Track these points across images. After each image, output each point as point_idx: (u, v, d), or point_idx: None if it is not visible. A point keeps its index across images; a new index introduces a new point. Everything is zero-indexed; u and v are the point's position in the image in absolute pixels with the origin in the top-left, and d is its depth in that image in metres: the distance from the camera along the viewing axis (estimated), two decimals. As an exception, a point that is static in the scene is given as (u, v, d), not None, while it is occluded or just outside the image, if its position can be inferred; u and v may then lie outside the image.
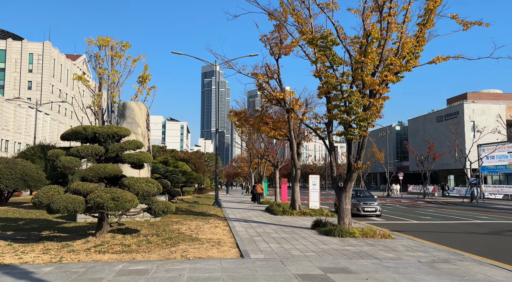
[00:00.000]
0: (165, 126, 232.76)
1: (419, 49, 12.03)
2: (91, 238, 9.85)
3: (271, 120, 19.38)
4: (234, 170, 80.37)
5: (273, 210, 19.47)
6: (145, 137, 15.35)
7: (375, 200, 19.76)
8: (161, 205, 9.78)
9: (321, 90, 12.86)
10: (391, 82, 11.91)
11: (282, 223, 14.83)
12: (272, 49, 17.30)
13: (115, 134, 9.84)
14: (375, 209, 19.06)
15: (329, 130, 13.06)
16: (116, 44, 27.25)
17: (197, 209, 19.83)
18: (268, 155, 29.63)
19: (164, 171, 20.96)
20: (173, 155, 38.06)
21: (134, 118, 14.87)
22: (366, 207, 18.98)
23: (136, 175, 14.08)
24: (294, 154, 19.26)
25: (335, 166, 13.19)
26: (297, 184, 19.88)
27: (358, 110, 11.61)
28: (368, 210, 18.93)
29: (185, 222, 13.92)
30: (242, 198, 35.61)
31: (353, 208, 18.11)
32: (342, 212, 12.45)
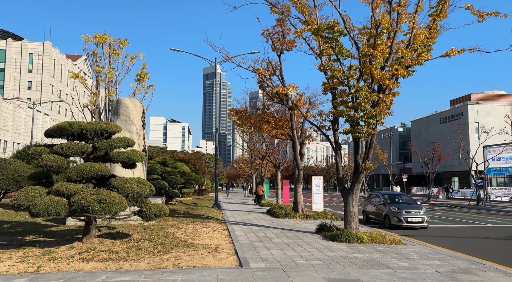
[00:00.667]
0: (167, 127, 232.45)
1: (431, 42, 11.23)
2: (77, 244, 9.06)
3: (273, 119, 18.58)
4: (235, 171, 79.56)
5: (274, 212, 18.66)
6: (140, 136, 14.57)
7: (419, 207, 15.74)
8: (153, 208, 8.99)
9: (326, 86, 12.07)
10: (402, 76, 11.10)
11: (285, 227, 14.01)
12: (274, 44, 16.52)
13: (103, 131, 9.06)
14: (421, 218, 15.03)
15: (334, 128, 12.26)
16: (114, 41, 26.52)
17: (196, 211, 19.04)
18: (269, 156, 28.84)
19: (162, 171, 20.18)
20: (173, 155, 37.29)
21: (128, 116, 14.10)
22: (410, 217, 14.98)
23: (129, 175, 13.30)
24: (296, 154, 18.46)
25: (341, 166, 12.38)
26: (300, 186, 19.06)
27: (366, 107, 10.82)
28: (413, 220, 14.94)
29: (181, 225, 13.12)
30: (243, 200, 34.80)
31: (393, 218, 15.18)
32: (349, 215, 11.63)
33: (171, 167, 24.53)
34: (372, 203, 17.62)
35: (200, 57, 23.52)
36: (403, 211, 15.21)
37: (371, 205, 17.66)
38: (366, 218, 17.96)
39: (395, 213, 15.24)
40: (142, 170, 14.49)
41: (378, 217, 16.67)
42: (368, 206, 18.00)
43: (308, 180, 77.98)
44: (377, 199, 17.24)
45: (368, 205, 18.04)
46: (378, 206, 16.73)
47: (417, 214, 15.14)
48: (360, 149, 11.76)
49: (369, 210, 17.78)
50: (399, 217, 15.08)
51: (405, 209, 15.30)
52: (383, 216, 15.97)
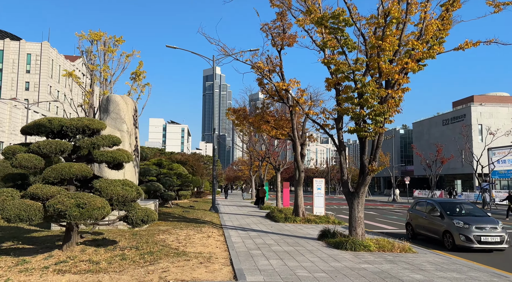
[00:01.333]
0: (166, 129, 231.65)
1: (444, 33, 10.42)
2: (56, 252, 8.20)
3: (273, 119, 17.74)
4: (234, 173, 78.68)
5: (274, 216, 17.79)
6: (131, 135, 13.74)
7: (494, 220, 11.74)
8: (139, 213, 8.14)
9: (329, 82, 11.24)
10: (412, 71, 10.29)
11: (285, 232, 13.15)
12: (274, 39, 15.71)
13: (85, 127, 8.22)
14: (499, 237, 10.93)
15: (338, 127, 11.43)
16: (109, 39, 25.72)
17: (191, 215, 18.17)
18: (269, 157, 27.99)
19: (157, 173, 19.32)
20: (170, 156, 36.42)
21: (118, 114, 13.26)
22: (485, 235, 10.90)
23: (119, 177, 12.46)
24: (297, 155, 17.61)
25: (346, 167, 11.54)
26: (301, 188, 18.20)
27: (373, 103, 9.99)
28: (488, 240, 10.85)
29: (174, 230, 12.26)
30: (241, 202, 33.92)
31: (458, 236, 11.11)
32: (354, 220, 10.78)
33: (167, 168, 23.68)
34: (421, 214, 13.41)
35: (198, 55, 22.74)
36: (472, 226, 11.07)
37: (419, 216, 13.43)
38: (412, 233, 13.73)
39: (461, 229, 11.15)
40: (133, 171, 13.65)
41: (432, 233, 12.49)
42: (415, 217, 13.71)
43: (308, 182, 77.17)
44: (429, 209, 13.02)
45: (415, 216, 13.75)
46: (432, 218, 12.57)
47: (493, 230, 11.04)
48: (367, 149, 10.92)
49: (417, 223, 13.51)
50: (467, 235, 10.95)
51: (475, 224, 11.17)
52: (442, 232, 11.85)
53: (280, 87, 10.75)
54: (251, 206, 28.34)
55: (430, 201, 13.46)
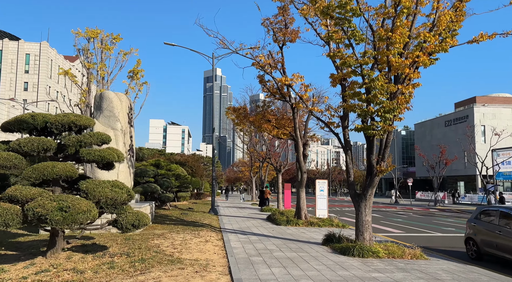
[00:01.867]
0: (166, 130, 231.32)
1: (457, 25, 9.76)
2: (39, 260, 7.54)
3: (274, 117, 17.10)
4: (234, 175, 78.00)
5: (275, 219, 17.12)
6: (125, 134, 13.08)
7: None
8: (130, 217, 7.48)
9: (334, 77, 10.59)
10: (423, 65, 9.63)
11: (287, 236, 12.48)
12: (276, 35, 15.06)
13: (72, 124, 7.57)
14: None
15: (344, 125, 10.77)
16: (106, 36, 25.11)
17: (189, 218, 17.50)
18: (270, 158, 27.34)
19: (154, 174, 18.66)
20: (169, 157, 35.78)
21: (112, 111, 12.61)
22: None
23: (112, 178, 11.81)
24: (299, 155, 16.94)
25: (352, 168, 10.88)
26: (303, 190, 17.53)
27: (382, 99, 9.34)
28: None
29: (170, 234, 11.58)
30: (242, 204, 33.24)
31: None
32: (361, 224, 10.11)
33: (165, 169, 23.02)
34: (491, 227, 9.81)
35: (197, 52, 22.11)
36: None
37: (488, 230, 9.86)
38: (477, 252, 10.14)
39: None
40: (127, 171, 12.99)
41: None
42: (481, 231, 10.14)
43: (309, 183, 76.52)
44: (505, 221, 9.38)
45: (481, 230, 10.17)
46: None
47: None
48: (375, 149, 10.25)
49: (485, 239, 9.89)
50: None
51: None
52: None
53: (283, 83, 10.10)
54: (251, 208, 27.67)
55: (507, 210, 9.59)
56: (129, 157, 13.31)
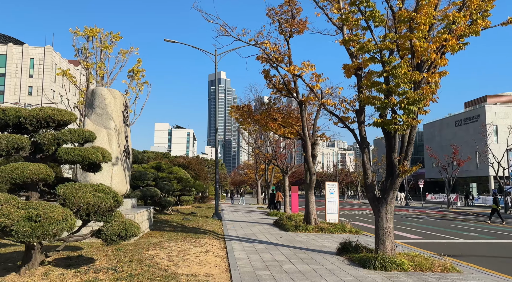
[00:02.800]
0: (171, 133, 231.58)
1: (489, 5, 8.61)
2: (11, 277, 6.47)
3: (280, 115, 15.99)
4: (240, 178, 76.90)
5: (283, 224, 15.97)
6: (120, 134, 12.05)
7: None
8: (116, 227, 6.40)
9: (349, 67, 9.47)
10: (451, 51, 8.49)
11: (296, 244, 11.32)
12: (282, 26, 13.99)
13: (49, 119, 6.53)
14: None
15: (360, 119, 9.62)
16: (106, 35, 24.20)
17: (191, 223, 16.40)
18: (276, 159, 26.20)
19: (154, 177, 17.62)
20: (171, 160, 34.78)
21: (105, 109, 11.59)
22: None
23: (105, 181, 10.77)
24: (308, 155, 15.81)
25: (370, 168, 9.72)
26: (312, 193, 16.38)
27: (405, 89, 8.20)
28: None
29: (167, 244, 10.48)
30: (247, 208, 32.10)
31: None
32: (382, 232, 8.94)
33: (167, 172, 21.99)
34: None
35: (198, 49, 21.13)
36: None
37: None
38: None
39: None
40: (122, 174, 11.94)
41: None
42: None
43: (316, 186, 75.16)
44: None
45: None
46: None
47: None
48: (397, 146, 9.09)
49: None
50: None
51: None
52: None
53: (291, 72, 9.00)
54: (257, 212, 26.53)
55: None
56: (124, 159, 12.27)
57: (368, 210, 34.39)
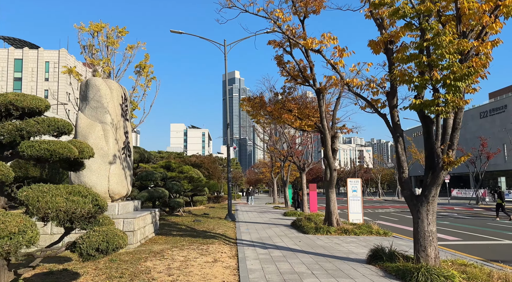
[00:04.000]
0: (187, 134, 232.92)
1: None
2: (-30, 301, 5.28)
3: (296, 106, 14.52)
4: (255, 176, 75.62)
5: (301, 226, 14.53)
6: (118, 129, 10.83)
7: None
8: (94, 238, 5.12)
9: (378, 41, 7.95)
10: (505, 14, 6.89)
11: (318, 250, 9.87)
12: (295, 5, 12.51)
13: (10, 106, 5.29)
14: None
15: (392, 103, 8.09)
16: (112, 30, 23.16)
17: (201, 226, 15.14)
18: (292, 156, 24.73)
19: (162, 177, 16.44)
20: (184, 159, 33.71)
21: (100, 101, 10.39)
22: None
23: (101, 182, 9.58)
24: (328, 150, 14.30)
25: (405, 160, 8.17)
26: (333, 191, 14.87)
27: (451, 62, 6.65)
28: None
29: (170, 252, 9.19)
30: (263, 207, 30.73)
31: None
32: (423, 236, 7.42)
33: (177, 171, 20.82)
34: None
35: (207, 40, 19.87)
36: None
37: None
38: None
39: None
40: (121, 174, 10.72)
41: None
42: None
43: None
44: None
45: None
46: None
47: None
48: (439, 133, 7.53)
49: None
50: None
51: None
52: None
53: (308, 46, 7.55)
54: (273, 211, 25.13)
55: None
56: (123, 157, 11.07)
57: (392, 207, 32.53)
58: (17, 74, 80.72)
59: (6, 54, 79.85)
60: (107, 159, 10.19)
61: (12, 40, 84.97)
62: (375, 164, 72.68)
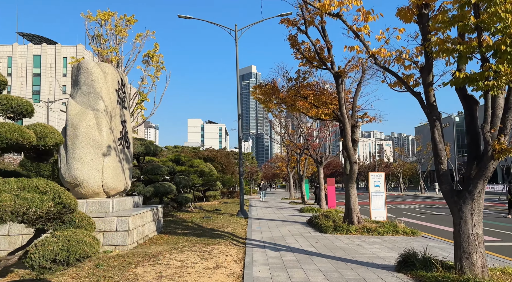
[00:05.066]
0: (204, 129, 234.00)
1: None
2: None
3: (312, 93, 13.19)
4: (271, 171, 74.43)
5: (319, 224, 13.26)
6: (114, 117, 9.80)
7: None
8: (51, 247, 4.04)
9: (408, 7, 6.57)
10: None
11: (338, 253, 8.61)
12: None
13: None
14: None
15: (428, 79, 6.70)
16: (120, 19, 22.28)
17: (210, 223, 14.08)
18: (308, 148, 23.40)
19: (169, 171, 15.46)
20: (196, 152, 32.80)
21: (92, 86, 9.38)
22: None
23: (95, 176, 8.60)
24: (347, 141, 12.95)
25: (443, 148, 6.77)
26: (354, 186, 13.51)
27: (509, 22, 5.23)
28: None
29: (168, 255, 8.11)
30: (279, 203, 29.54)
31: None
32: (467, 241, 6.06)
33: (187, 165, 19.85)
34: None
35: (217, 25, 18.70)
36: None
37: None
38: None
39: None
40: (117, 167, 9.71)
41: None
42: None
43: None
44: None
45: None
46: None
47: None
48: (489, 114, 6.11)
49: None
50: None
51: None
52: None
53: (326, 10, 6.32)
54: (289, 207, 23.91)
55: None
56: (120, 148, 10.05)
57: (415, 203, 30.75)
58: (36, 70, 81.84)
59: (25, 51, 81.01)
60: (101, 150, 9.19)
61: (30, 37, 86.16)
62: (396, 157, 70.23)
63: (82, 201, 8.91)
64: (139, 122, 22.53)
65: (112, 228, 8.50)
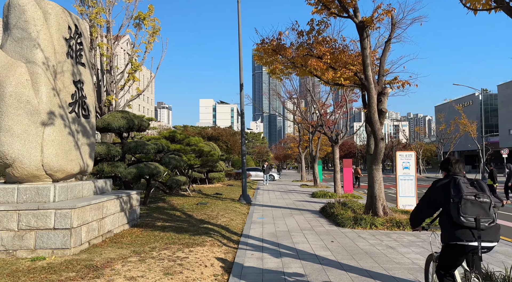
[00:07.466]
0: (216, 109, 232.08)
1: None
2: None
3: (328, 50, 10.38)
4: (283, 152, 71.91)
5: (334, 214, 10.74)
6: (59, 74, 7.27)
7: None
8: None
9: None
10: None
11: (362, 262, 6.07)
12: None
13: None
14: None
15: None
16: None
17: (202, 212, 11.69)
18: (322, 125, 20.68)
19: (156, 149, 13.05)
20: (200, 131, 30.39)
21: (26, 30, 6.84)
22: None
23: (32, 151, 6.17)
24: (373, 111, 10.22)
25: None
26: (379, 167, 10.87)
27: None
28: None
29: (119, 266, 5.67)
30: (289, 186, 27.10)
31: None
32: None
33: (184, 143, 17.45)
34: None
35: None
36: None
37: None
38: None
39: None
40: (68, 141, 7.25)
41: None
42: None
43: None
44: None
45: None
46: None
47: None
48: None
49: None
50: None
51: None
52: None
53: None
54: (299, 191, 21.44)
55: None
56: (72, 117, 7.58)
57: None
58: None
59: None
60: (39, 118, 6.73)
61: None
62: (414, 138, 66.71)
63: (11, 186, 6.54)
64: (133, 95, 20.14)
65: (48, 225, 6.12)
